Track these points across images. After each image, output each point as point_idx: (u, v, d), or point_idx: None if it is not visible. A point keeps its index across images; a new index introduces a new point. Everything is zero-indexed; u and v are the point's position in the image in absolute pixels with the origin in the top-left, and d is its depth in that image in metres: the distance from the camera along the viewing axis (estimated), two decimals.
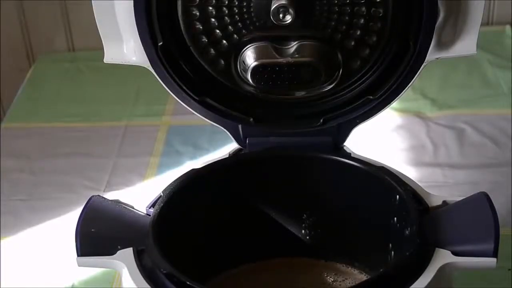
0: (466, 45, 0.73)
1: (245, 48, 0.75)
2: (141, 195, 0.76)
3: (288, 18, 0.72)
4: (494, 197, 0.68)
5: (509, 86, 1.20)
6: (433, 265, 0.63)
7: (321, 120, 0.78)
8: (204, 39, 0.76)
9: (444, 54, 0.73)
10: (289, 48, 0.75)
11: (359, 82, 0.77)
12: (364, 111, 0.77)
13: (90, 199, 0.71)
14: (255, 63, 0.74)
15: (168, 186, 0.73)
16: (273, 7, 0.72)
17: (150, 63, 0.75)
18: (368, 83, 0.77)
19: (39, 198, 1.04)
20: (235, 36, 0.75)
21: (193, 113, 0.78)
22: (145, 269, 0.65)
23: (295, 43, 0.74)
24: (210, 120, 0.79)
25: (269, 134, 0.79)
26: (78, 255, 0.67)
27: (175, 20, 0.75)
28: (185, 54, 0.76)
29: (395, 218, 0.72)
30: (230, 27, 0.75)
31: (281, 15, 0.72)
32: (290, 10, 0.72)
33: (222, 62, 0.77)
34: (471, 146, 1.08)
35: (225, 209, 0.78)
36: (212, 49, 0.76)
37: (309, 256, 0.80)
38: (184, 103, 0.78)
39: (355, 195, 0.76)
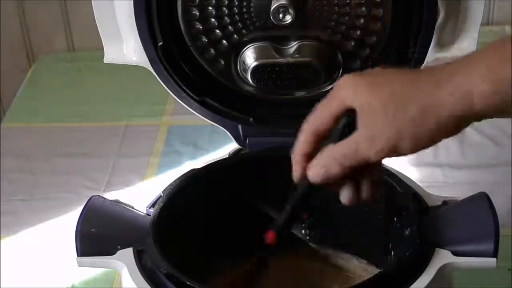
0: (466, 45, 0.73)
1: (245, 48, 0.75)
2: (141, 195, 0.76)
3: (288, 18, 0.72)
4: (494, 197, 0.68)
5: None
6: (433, 265, 0.63)
7: None
8: (204, 39, 0.76)
9: (444, 54, 0.73)
10: (289, 48, 0.75)
11: None
12: None
13: (90, 199, 0.71)
14: (255, 63, 0.74)
15: (168, 186, 0.73)
16: (273, 7, 0.72)
17: (150, 63, 0.75)
18: None
19: (39, 198, 1.04)
20: (235, 36, 0.75)
21: (193, 113, 0.78)
22: (145, 269, 0.65)
23: (295, 43, 0.74)
24: (210, 120, 0.79)
25: (269, 134, 0.79)
26: (78, 255, 0.67)
27: (175, 20, 0.75)
28: (185, 54, 0.76)
29: (395, 218, 0.72)
30: (230, 27, 0.75)
31: (281, 15, 0.72)
32: (290, 10, 0.72)
33: (222, 62, 0.77)
34: (471, 146, 1.08)
35: (225, 209, 0.78)
36: (212, 49, 0.76)
37: (309, 256, 0.80)
38: (184, 103, 0.78)
39: None
